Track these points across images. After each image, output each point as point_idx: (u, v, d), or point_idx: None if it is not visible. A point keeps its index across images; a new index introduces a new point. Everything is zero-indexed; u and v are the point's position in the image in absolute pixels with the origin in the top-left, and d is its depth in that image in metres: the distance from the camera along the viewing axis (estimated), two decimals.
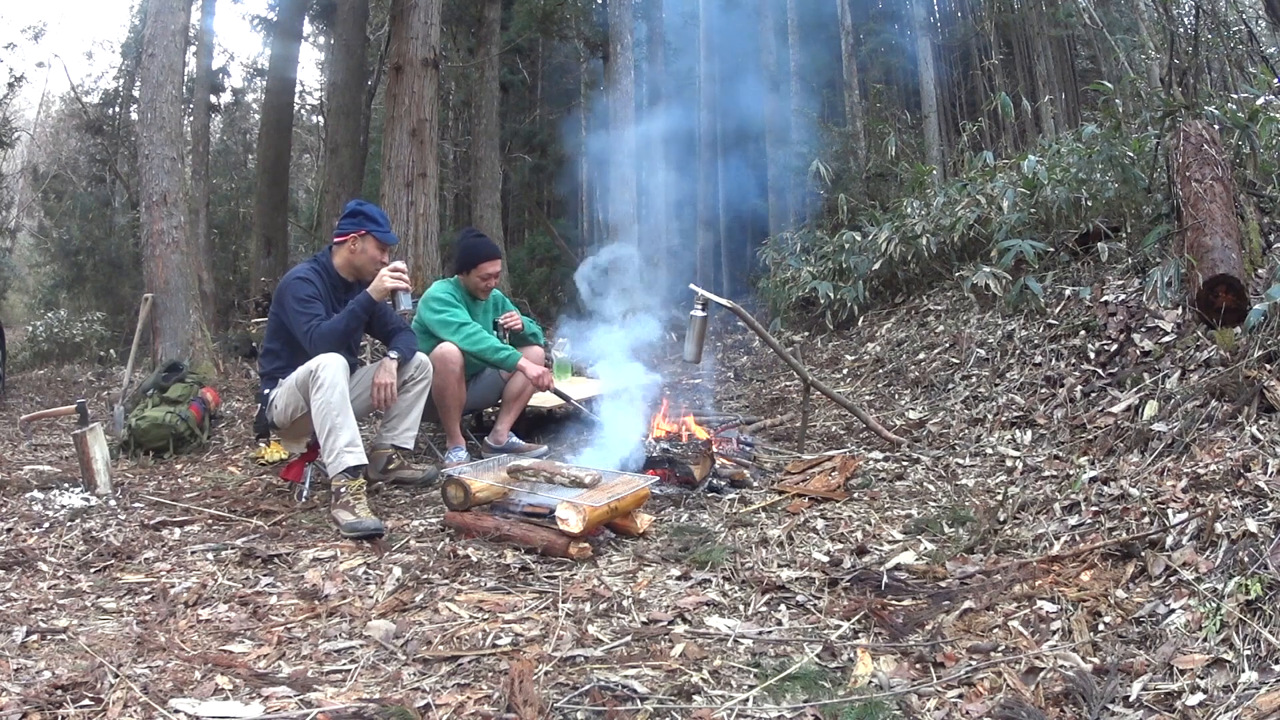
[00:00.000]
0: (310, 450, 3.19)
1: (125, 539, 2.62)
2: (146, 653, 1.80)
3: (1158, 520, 2.13)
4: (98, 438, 3.21)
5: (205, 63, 10.90)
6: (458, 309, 3.69)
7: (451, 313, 3.65)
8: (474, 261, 3.77)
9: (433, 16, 6.52)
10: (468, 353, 3.58)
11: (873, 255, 6.43)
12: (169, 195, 5.60)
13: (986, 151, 6.78)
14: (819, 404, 4.50)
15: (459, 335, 3.59)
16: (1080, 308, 4.05)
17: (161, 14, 5.78)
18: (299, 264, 3.31)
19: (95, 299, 12.42)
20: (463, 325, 3.62)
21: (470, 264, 3.78)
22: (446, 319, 3.64)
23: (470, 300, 3.85)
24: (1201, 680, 1.50)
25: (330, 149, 10.08)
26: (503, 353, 3.60)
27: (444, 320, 3.63)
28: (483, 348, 3.58)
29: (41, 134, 17.32)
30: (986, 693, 1.59)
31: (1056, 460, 2.95)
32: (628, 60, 9.69)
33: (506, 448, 3.83)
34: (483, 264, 3.76)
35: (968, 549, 2.34)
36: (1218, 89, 5.89)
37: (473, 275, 3.78)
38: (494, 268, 3.80)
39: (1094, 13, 8.66)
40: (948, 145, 11.04)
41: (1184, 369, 3.00)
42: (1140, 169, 4.50)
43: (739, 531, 2.67)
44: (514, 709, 1.53)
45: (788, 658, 1.78)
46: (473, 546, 2.52)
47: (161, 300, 5.54)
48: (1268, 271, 3.19)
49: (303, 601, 2.12)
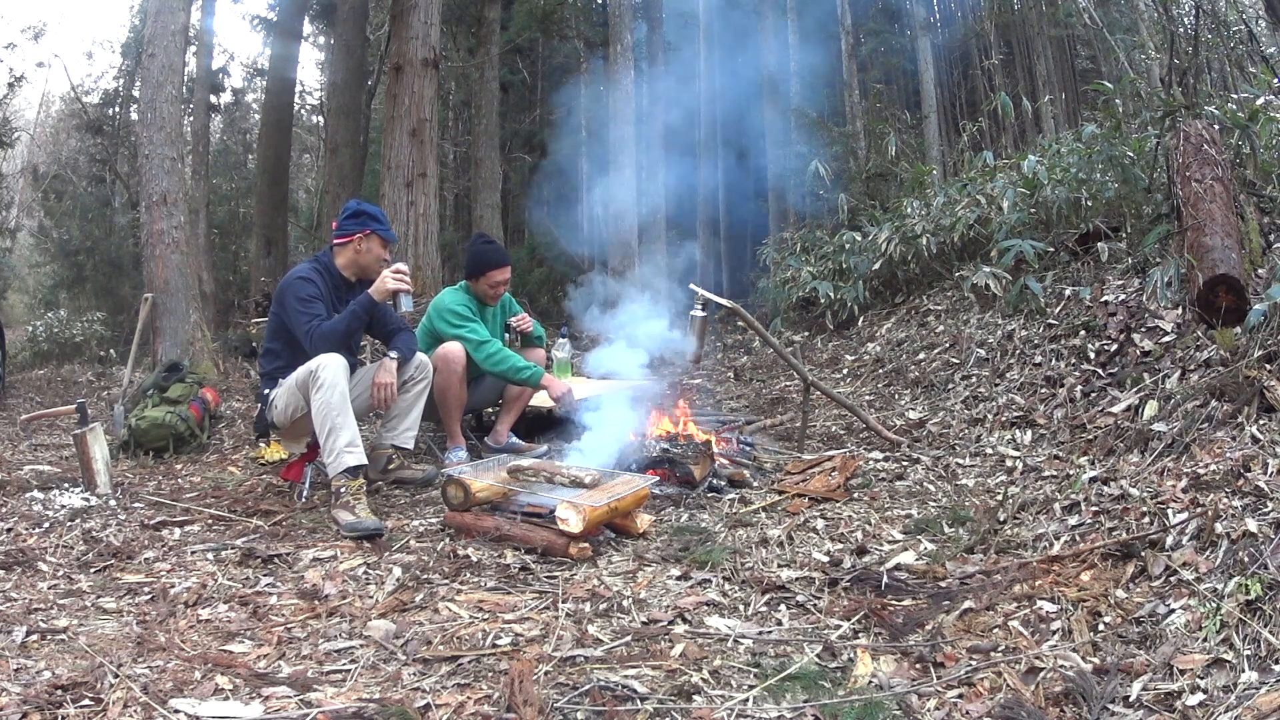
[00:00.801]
0: (310, 450, 3.19)
1: (125, 539, 2.62)
2: (146, 653, 1.80)
3: (1158, 520, 2.13)
4: (98, 438, 3.21)
5: (205, 63, 10.90)
6: (476, 324, 3.65)
7: (470, 328, 3.61)
8: (483, 269, 3.73)
9: (433, 16, 6.53)
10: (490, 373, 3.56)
11: (873, 255, 6.43)
12: (169, 195, 5.60)
13: (986, 151, 6.78)
14: (819, 404, 4.50)
15: (480, 354, 3.55)
16: (1080, 308, 4.05)
17: (161, 14, 5.78)
18: (300, 264, 3.31)
19: (95, 299, 12.42)
20: (483, 344, 3.58)
21: (480, 271, 3.74)
22: (465, 335, 3.59)
23: (480, 306, 3.82)
24: (1201, 680, 1.50)
25: (330, 149, 10.07)
26: (525, 371, 3.55)
27: (462, 336, 3.59)
28: (505, 368, 3.55)
29: (41, 134, 17.32)
30: (986, 693, 1.59)
31: (1056, 460, 2.95)
32: (628, 60, 9.69)
33: (506, 448, 3.83)
34: (491, 272, 3.72)
35: (968, 549, 2.34)
36: (1218, 89, 5.90)
37: (481, 283, 3.75)
38: (503, 275, 3.76)
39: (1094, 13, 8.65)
40: (948, 145, 11.04)
41: (1184, 369, 3.00)
42: (1140, 169, 4.50)
43: (739, 531, 2.67)
44: (514, 709, 1.53)
45: (788, 658, 1.78)
46: (473, 546, 2.52)
47: (161, 300, 5.54)
48: (1268, 271, 3.19)
49: (303, 601, 2.12)
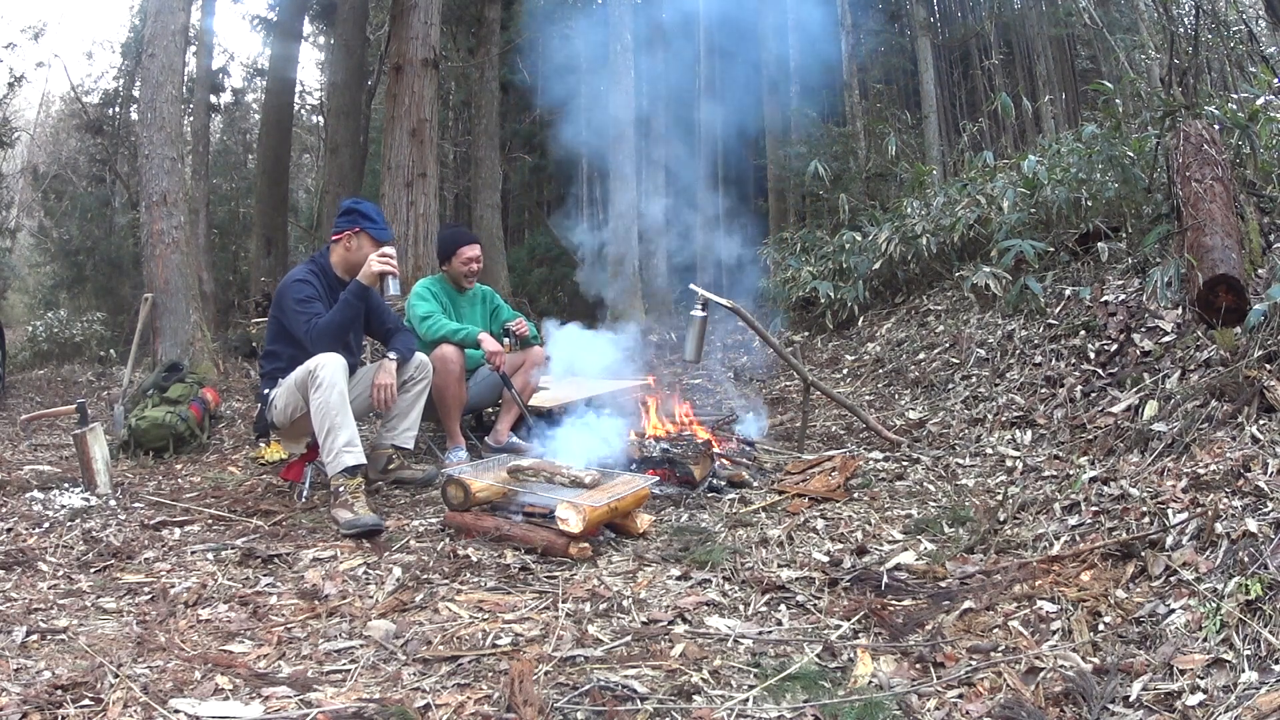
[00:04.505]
0: (310, 450, 3.19)
1: (125, 539, 2.62)
2: (146, 653, 1.80)
3: (1158, 520, 2.12)
4: (98, 438, 3.21)
5: (205, 63, 10.90)
6: (426, 303, 3.73)
7: (420, 308, 3.71)
8: (452, 249, 3.84)
9: (433, 16, 6.52)
10: (430, 341, 3.61)
11: (873, 255, 6.43)
12: (169, 195, 5.61)
13: (986, 151, 6.78)
14: (819, 404, 4.50)
15: (422, 329, 3.64)
16: (1080, 308, 4.05)
17: (161, 14, 5.78)
18: (297, 266, 3.31)
19: (95, 299, 12.43)
20: (424, 319, 3.66)
21: (449, 252, 3.85)
22: (411, 314, 3.71)
23: (455, 293, 3.89)
24: (1201, 680, 1.50)
25: (330, 149, 10.08)
26: (461, 332, 3.62)
27: (411, 316, 3.70)
28: (443, 334, 3.61)
29: (41, 134, 17.32)
30: (986, 693, 1.59)
31: (1056, 460, 2.95)
32: (628, 60, 9.69)
33: (506, 448, 3.83)
34: (461, 249, 3.83)
35: (968, 549, 2.34)
36: (1218, 89, 5.89)
37: (455, 263, 3.84)
38: (473, 252, 3.85)
39: (1094, 13, 8.65)
40: (948, 145, 11.03)
41: (1184, 369, 2.99)
42: (1140, 169, 4.50)
43: (739, 531, 2.67)
44: (514, 709, 1.53)
45: (788, 658, 1.78)
46: (473, 546, 2.52)
47: (161, 300, 5.55)
48: (1268, 271, 3.19)
49: (303, 601, 2.12)
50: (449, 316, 3.76)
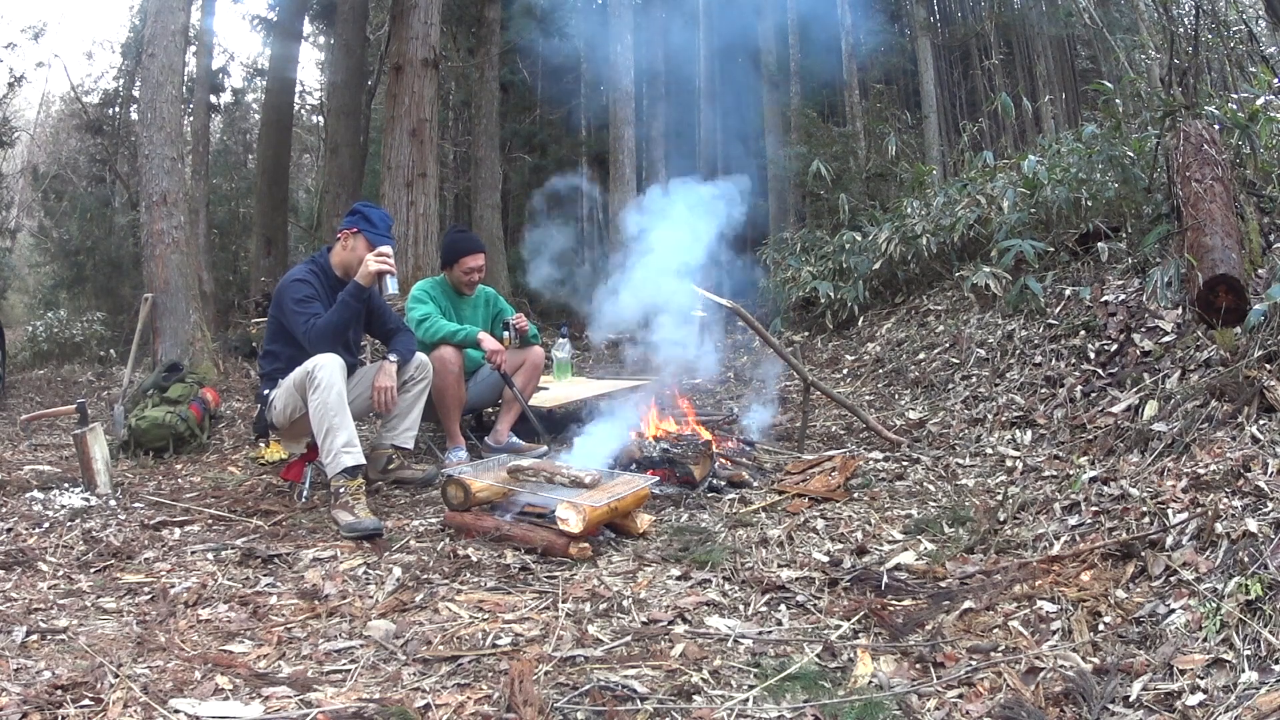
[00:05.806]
0: (310, 450, 3.19)
1: (125, 539, 2.62)
2: (146, 653, 1.80)
3: (1158, 520, 2.12)
4: (98, 438, 3.21)
5: (205, 63, 10.88)
6: (423, 305, 3.73)
7: (416, 311, 3.71)
8: (455, 256, 3.83)
9: (433, 16, 6.52)
10: (430, 342, 3.60)
11: (873, 255, 6.43)
12: (169, 195, 5.60)
13: (986, 151, 6.77)
14: (819, 404, 4.50)
15: (419, 331, 3.63)
16: (1080, 308, 4.05)
17: (161, 14, 5.77)
18: (296, 265, 3.31)
19: (95, 299, 12.41)
20: (421, 321, 3.66)
21: (452, 259, 3.84)
22: (409, 317, 3.71)
23: (455, 296, 3.89)
24: (1201, 680, 1.50)
25: (330, 149, 10.06)
26: (460, 333, 3.63)
27: (409, 319, 3.70)
28: (442, 335, 3.61)
29: (41, 134, 17.30)
30: (986, 693, 1.59)
31: (1056, 460, 2.95)
32: (628, 60, 9.69)
33: (506, 448, 3.83)
34: (464, 258, 3.81)
35: (968, 549, 2.34)
36: (1218, 89, 5.89)
37: (455, 270, 3.84)
38: (475, 261, 3.84)
39: (1094, 13, 8.64)
40: (948, 145, 11.04)
41: (1184, 369, 2.99)
42: (1140, 169, 4.50)
43: (739, 531, 2.67)
44: (514, 709, 1.53)
45: (788, 658, 1.78)
46: (473, 546, 2.52)
47: (161, 300, 5.54)
48: (1268, 271, 3.19)
49: (303, 601, 2.12)
50: (449, 319, 3.76)
